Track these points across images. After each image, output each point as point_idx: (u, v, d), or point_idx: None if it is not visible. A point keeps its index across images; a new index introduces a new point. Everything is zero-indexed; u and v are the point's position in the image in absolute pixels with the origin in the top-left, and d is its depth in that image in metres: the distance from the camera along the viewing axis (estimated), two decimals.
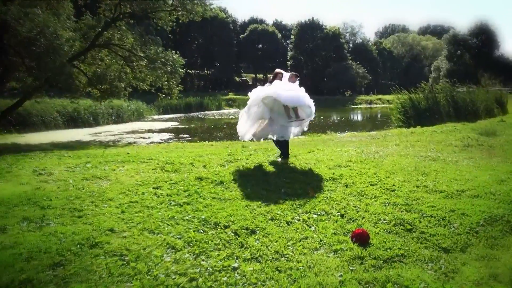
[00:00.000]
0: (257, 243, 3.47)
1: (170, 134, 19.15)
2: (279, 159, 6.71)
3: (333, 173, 5.73)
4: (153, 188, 5.13)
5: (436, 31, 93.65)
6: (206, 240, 3.49)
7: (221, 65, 63.43)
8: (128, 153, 8.34)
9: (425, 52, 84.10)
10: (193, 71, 59.87)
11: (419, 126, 12.64)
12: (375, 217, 4.08)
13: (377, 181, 5.34)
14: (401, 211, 4.24)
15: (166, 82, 19.72)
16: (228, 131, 21.05)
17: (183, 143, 10.74)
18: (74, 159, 7.97)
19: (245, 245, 3.43)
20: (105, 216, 4.04)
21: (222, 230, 3.74)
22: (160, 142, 15.67)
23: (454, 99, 14.97)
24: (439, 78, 54.63)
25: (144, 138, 17.93)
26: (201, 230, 3.72)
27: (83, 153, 8.66)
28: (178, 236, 3.56)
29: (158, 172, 6.15)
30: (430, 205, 4.38)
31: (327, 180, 5.43)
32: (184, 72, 19.91)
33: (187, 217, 4.05)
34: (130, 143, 15.64)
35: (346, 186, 5.18)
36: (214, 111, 38.01)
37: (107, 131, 20.69)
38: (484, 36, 53.20)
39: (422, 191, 4.92)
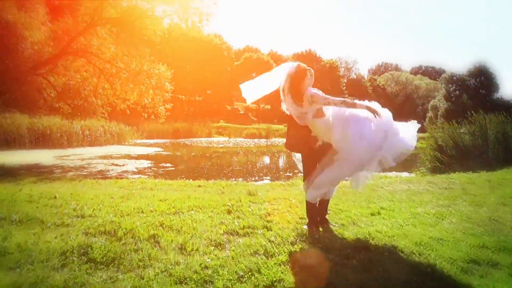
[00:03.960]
0: None
1: (150, 162, 15.68)
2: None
3: None
4: None
5: (428, 72, 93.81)
6: None
7: (213, 92, 60.82)
8: (55, 197, 4.86)
9: (418, 91, 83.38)
10: (183, 96, 56.96)
11: (479, 171, 9.40)
12: None
13: None
14: None
15: (151, 100, 16.71)
16: (217, 160, 17.85)
17: (155, 181, 7.10)
18: None
19: None
20: None
21: None
22: (134, 171, 12.52)
23: (506, 136, 11.83)
24: (436, 118, 53.19)
25: (117, 165, 14.48)
26: None
27: None
28: None
29: (68, 264, 2.66)
30: None
31: None
32: (172, 87, 16.81)
33: None
34: (100, 171, 12.43)
35: None
36: (203, 139, 34.42)
37: (77, 155, 17.41)
38: (483, 78, 52.15)
39: None
